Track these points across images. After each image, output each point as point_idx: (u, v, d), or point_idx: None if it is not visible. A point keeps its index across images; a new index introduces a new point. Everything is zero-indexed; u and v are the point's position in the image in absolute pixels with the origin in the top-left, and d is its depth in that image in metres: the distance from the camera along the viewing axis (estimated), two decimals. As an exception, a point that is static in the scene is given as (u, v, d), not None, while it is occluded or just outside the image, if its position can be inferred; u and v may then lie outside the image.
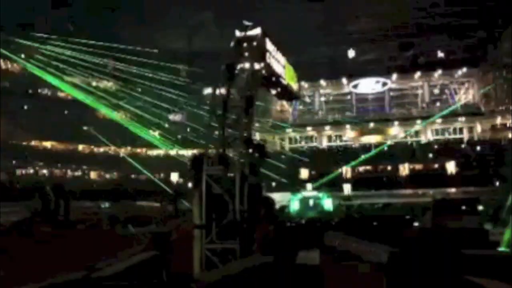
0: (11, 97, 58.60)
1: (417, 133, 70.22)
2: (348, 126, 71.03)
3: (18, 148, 58.70)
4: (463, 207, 29.28)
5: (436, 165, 60.42)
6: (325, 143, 72.34)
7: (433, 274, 6.77)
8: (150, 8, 61.89)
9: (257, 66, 12.21)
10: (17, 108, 61.15)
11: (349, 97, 74.08)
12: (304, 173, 61.97)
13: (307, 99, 73.34)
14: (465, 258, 8.52)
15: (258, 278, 5.72)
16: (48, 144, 64.23)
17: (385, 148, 65.95)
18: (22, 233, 22.08)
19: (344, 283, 12.20)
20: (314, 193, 50.46)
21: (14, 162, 56.67)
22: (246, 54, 12.09)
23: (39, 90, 65.37)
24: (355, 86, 72.86)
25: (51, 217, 25.90)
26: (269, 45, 12.59)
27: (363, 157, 61.31)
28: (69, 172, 61.59)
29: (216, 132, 12.08)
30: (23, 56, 64.37)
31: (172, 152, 68.10)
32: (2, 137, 53.72)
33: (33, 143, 62.84)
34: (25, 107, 62.99)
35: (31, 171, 58.94)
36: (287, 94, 15.25)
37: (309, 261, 10.04)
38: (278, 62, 13.27)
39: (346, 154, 65.65)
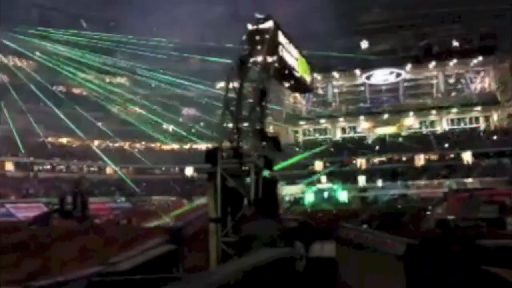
0: (27, 94, 59.21)
1: (432, 123, 69.59)
2: (362, 118, 70.62)
3: (35, 145, 59.43)
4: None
5: (451, 155, 59.90)
6: (339, 135, 72.04)
7: (450, 265, 6.70)
8: (162, 2, 61.90)
9: (269, 59, 12.15)
10: (33, 105, 61.77)
11: (362, 88, 73.50)
12: (318, 165, 61.89)
13: (320, 91, 72.92)
14: (482, 248, 8.44)
15: (273, 271, 5.72)
16: (64, 140, 64.85)
17: (400, 139, 65.57)
18: (40, 228, 22.39)
19: (361, 275, 12.16)
20: (329, 185, 50.47)
21: (31, 158, 57.37)
22: (259, 47, 12.03)
23: (54, 87, 65.95)
24: (368, 77, 72.26)
25: (68, 212, 26.19)
26: (282, 38, 12.51)
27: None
28: (85, 168, 62.16)
29: (230, 126, 12.07)
30: (38, 53, 65.02)
31: (186, 146, 68.42)
32: (20, 134, 54.45)
33: (49, 139, 63.49)
34: (41, 104, 63.60)
35: (48, 167, 59.61)
36: (300, 86, 15.16)
37: (325, 253, 10.03)
38: (291, 54, 13.19)
39: (360, 146, 65.44)
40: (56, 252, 15.80)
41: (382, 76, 71.94)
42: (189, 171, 63.34)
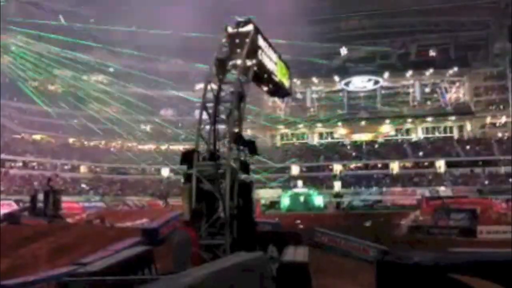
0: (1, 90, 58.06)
1: (408, 131, 70.64)
2: (339, 123, 71.20)
3: (8, 141, 58.26)
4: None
5: (425, 163, 60.88)
6: (316, 140, 72.50)
7: (422, 272, 6.79)
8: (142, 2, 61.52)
9: (249, 62, 12.17)
10: (7, 101, 60.56)
11: (341, 94, 74.19)
12: (295, 169, 62.19)
13: (299, 96, 73.33)
14: (452, 256, 8.59)
15: (245, 275, 5.73)
16: (38, 137, 63.72)
17: (376, 146, 66.40)
18: (9, 226, 21.93)
19: (333, 280, 12.27)
20: (305, 189, 50.69)
21: (3, 154, 56.14)
22: (238, 50, 12.05)
23: (29, 83, 64.76)
24: (347, 84, 72.98)
25: (40, 210, 25.69)
26: (261, 42, 12.55)
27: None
28: (59, 165, 61.10)
29: (208, 128, 12.04)
30: (13, 48, 63.78)
31: (163, 147, 67.95)
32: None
33: (23, 135, 62.31)
34: (15, 99, 62.42)
35: (20, 164, 58.41)
36: (278, 91, 15.18)
37: (298, 257, 10.07)
38: (270, 59, 13.22)
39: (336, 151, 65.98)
40: (26, 251, 15.50)
41: (360, 83, 72.73)
42: (165, 172, 62.96)
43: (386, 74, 70.99)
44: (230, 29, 12.22)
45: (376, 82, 72.09)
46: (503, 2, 58.72)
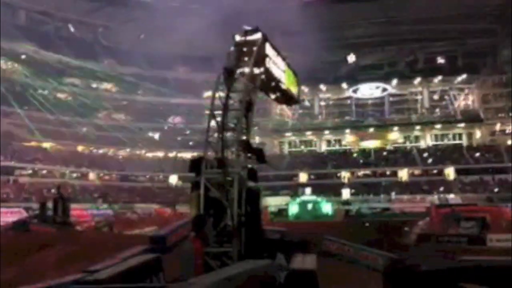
0: (11, 98, 58.60)
1: (416, 139, 70.34)
2: (347, 131, 71.06)
3: (18, 149, 58.63)
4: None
5: (435, 171, 60.49)
6: (324, 148, 72.35)
7: (430, 281, 6.75)
8: (151, 12, 61.98)
9: (256, 70, 12.22)
10: (17, 109, 61.05)
11: (348, 101, 74.08)
12: (303, 177, 62.05)
13: (307, 103, 73.31)
14: (462, 265, 8.52)
15: (254, 282, 5.73)
16: (47, 145, 64.04)
17: (384, 153, 66.15)
18: (18, 234, 22.06)
19: (342, 287, 12.20)
20: (313, 197, 50.49)
21: (13, 162, 56.46)
22: (246, 58, 12.10)
23: (39, 91, 65.32)
24: (355, 91, 72.88)
25: (49, 218, 25.84)
26: (269, 50, 12.61)
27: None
28: (68, 173, 61.32)
29: (216, 135, 12.07)
30: (24, 57, 64.36)
31: (172, 154, 68.09)
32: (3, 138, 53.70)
33: (32, 143, 62.65)
34: (25, 108, 62.90)
35: (30, 171, 58.67)
36: (286, 98, 15.22)
37: (306, 265, 10.04)
38: (277, 66, 13.27)
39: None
40: (35, 258, 15.56)
41: (368, 90, 72.61)
42: (173, 179, 63.03)
43: (394, 81, 70.86)
44: (238, 38, 12.30)
45: (384, 90, 71.94)
46: (511, 9, 58.42)
